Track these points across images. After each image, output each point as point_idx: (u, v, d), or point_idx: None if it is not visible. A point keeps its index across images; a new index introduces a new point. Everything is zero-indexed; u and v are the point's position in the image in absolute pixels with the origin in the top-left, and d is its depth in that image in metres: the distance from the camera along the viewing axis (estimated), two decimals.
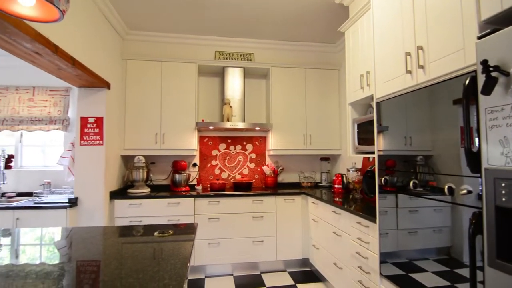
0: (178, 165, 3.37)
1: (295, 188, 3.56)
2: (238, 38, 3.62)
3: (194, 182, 3.59)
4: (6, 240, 1.51)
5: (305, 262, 3.25)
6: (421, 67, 1.46)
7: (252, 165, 3.82)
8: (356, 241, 2.15)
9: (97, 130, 2.80)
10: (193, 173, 3.65)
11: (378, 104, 1.87)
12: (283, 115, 3.54)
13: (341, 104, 3.67)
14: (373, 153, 2.24)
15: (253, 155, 3.83)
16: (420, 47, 1.47)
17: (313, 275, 3.07)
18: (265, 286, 2.83)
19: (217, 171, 3.74)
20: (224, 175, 3.75)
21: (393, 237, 1.71)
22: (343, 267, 2.36)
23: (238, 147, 3.80)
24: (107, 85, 2.84)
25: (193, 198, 3.05)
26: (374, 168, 2.58)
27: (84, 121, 2.80)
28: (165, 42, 3.54)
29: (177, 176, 3.34)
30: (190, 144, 3.35)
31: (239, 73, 3.57)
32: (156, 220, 2.97)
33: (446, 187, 1.29)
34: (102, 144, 2.81)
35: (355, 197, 2.82)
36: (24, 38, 1.67)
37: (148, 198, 3.00)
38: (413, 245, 1.56)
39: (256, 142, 3.84)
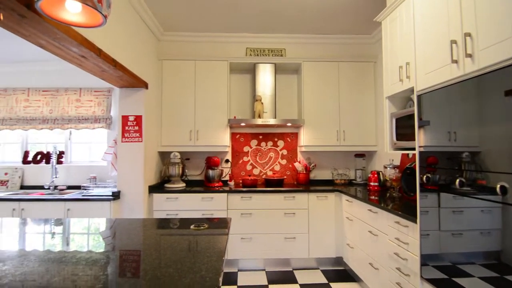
0: (211, 161, 3.46)
1: (328, 185, 3.49)
2: (269, 34, 3.61)
3: (227, 178, 3.67)
4: (59, 229, 1.66)
5: (338, 261, 3.18)
6: (469, 55, 1.34)
7: (284, 162, 3.80)
8: (394, 241, 2.05)
9: (136, 128, 2.97)
10: (226, 169, 3.73)
11: (419, 97, 1.76)
12: (315, 110, 3.47)
13: (377, 98, 3.51)
14: (412, 149, 2.12)
15: (285, 152, 3.81)
16: (467, 34, 1.35)
17: (347, 275, 3.00)
18: (297, 283, 2.82)
19: (248, 167, 3.78)
20: (255, 171, 3.78)
21: (434, 238, 1.60)
22: (380, 268, 2.27)
23: (270, 143, 3.80)
24: (145, 85, 2.99)
25: (226, 194, 3.12)
26: (414, 165, 2.44)
27: (125, 119, 2.98)
28: (198, 42, 3.63)
29: (210, 172, 3.43)
30: (222, 140, 3.42)
31: (270, 69, 3.55)
32: (191, 214, 3.08)
33: (499, 186, 1.18)
34: (141, 141, 2.97)
35: (393, 196, 2.69)
36: (72, 43, 1.81)
37: (184, 192, 3.12)
38: (457, 248, 1.45)
39: (288, 139, 3.82)
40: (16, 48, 3.25)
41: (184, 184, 3.37)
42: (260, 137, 3.81)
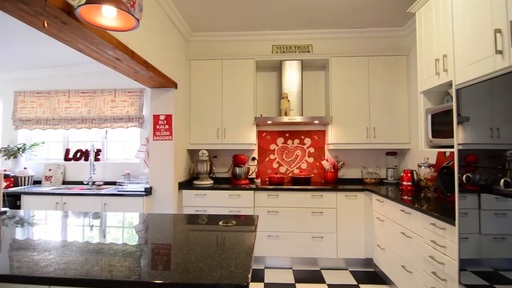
0: (238, 159, 3.50)
1: (357, 184, 3.39)
2: (295, 30, 3.56)
3: (253, 176, 3.69)
4: (96, 222, 1.77)
5: (368, 262, 3.09)
6: None
7: (311, 160, 3.75)
8: (430, 244, 1.95)
9: (167, 127, 3.07)
10: (252, 166, 3.75)
11: (457, 91, 1.65)
12: (344, 107, 3.38)
13: (410, 93, 3.34)
14: (450, 147, 2.00)
15: (312, 149, 3.75)
16: None
17: (378, 277, 2.90)
18: (325, 283, 2.78)
19: (275, 165, 3.77)
20: (282, 169, 3.76)
21: (474, 242, 1.50)
22: (413, 271, 2.17)
23: (296, 141, 3.77)
24: (174, 85, 3.08)
25: (252, 191, 3.14)
26: (452, 164, 2.30)
27: (156, 118, 3.10)
28: (225, 41, 3.67)
29: (237, 169, 3.47)
30: (249, 138, 3.44)
31: (296, 66, 3.51)
32: (219, 210, 3.14)
33: None
34: (171, 139, 3.07)
35: (428, 196, 2.55)
36: (108, 46, 1.91)
37: (212, 189, 3.19)
38: (500, 253, 1.35)
39: (315, 136, 3.75)
40: (58, 53, 3.50)
41: (212, 181, 3.44)
42: (287, 135, 3.78)
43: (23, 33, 2.94)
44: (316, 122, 3.42)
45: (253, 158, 3.78)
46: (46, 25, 1.35)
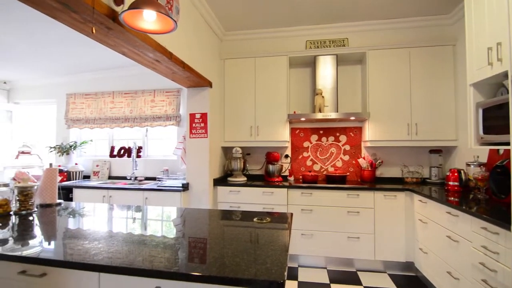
0: (271, 156, 3.50)
1: (396, 184, 3.22)
2: (330, 24, 3.46)
3: (287, 173, 3.67)
4: (138, 215, 1.88)
5: (409, 266, 2.93)
6: None
7: (346, 158, 3.63)
8: (480, 249, 1.79)
9: (202, 125, 3.17)
10: (285, 164, 3.73)
11: None
12: (382, 102, 3.22)
13: (457, 85, 3.08)
14: (504, 144, 1.81)
15: (347, 147, 3.63)
16: None
17: (419, 282, 2.74)
18: (362, 285, 2.69)
19: (308, 163, 3.71)
20: (316, 167, 3.69)
21: None
22: (461, 278, 2.01)
23: (331, 138, 3.67)
24: (209, 84, 3.16)
25: (286, 189, 3.13)
26: (507, 162, 2.09)
27: (192, 117, 3.21)
28: (258, 38, 3.68)
29: (270, 167, 3.47)
30: (282, 136, 3.43)
31: (331, 61, 3.41)
32: (252, 207, 3.17)
33: None
34: (206, 137, 3.16)
35: (478, 197, 2.35)
36: (148, 49, 2.01)
37: (245, 186, 3.23)
38: None
39: (351, 133, 3.63)
40: (103, 57, 3.76)
41: (245, 178, 3.48)
42: (321, 132, 3.70)
43: (74, 40, 3.20)
44: (352, 118, 3.30)
45: (286, 156, 3.75)
46: (94, 31, 1.45)
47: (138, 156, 4.12)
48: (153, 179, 3.94)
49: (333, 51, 3.40)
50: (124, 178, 4.11)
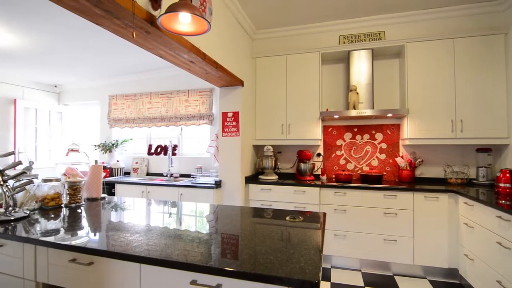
0: (302, 154, 3.45)
1: (439, 185, 3.01)
2: (364, 17, 3.32)
3: (319, 172, 3.60)
4: (174, 210, 1.95)
5: (452, 272, 2.73)
6: None
7: (383, 156, 3.47)
8: None
9: (234, 123, 3.21)
10: (318, 162, 3.66)
11: None
12: (423, 98, 3.03)
13: (510, 78, 2.81)
14: None
15: (384, 145, 3.47)
16: None
17: None
18: None
19: (342, 162, 3.61)
20: (349, 166, 3.58)
21: None
22: None
23: (366, 136, 3.53)
24: (241, 83, 3.20)
25: (318, 188, 3.07)
26: None
27: (224, 115, 3.27)
28: (289, 36, 3.65)
29: (302, 165, 3.43)
30: (314, 134, 3.37)
31: (365, 56, 3.28)
32: (284, 205, 3.16)
33: None
34: (238, 135, 3.20)
35: None
36: (183, 50, 2.07)
37: (277, 184, 3.22)
38: None
39: (387, 131, 3.46)
40: (142, 60, 3.96)
41: (276, 177, 3.48)
42: (355, 129, 3.58)
43: (116, 45, 3.41)
44: (389, 115, 3.14)
45: (319, 154, 3.68)
46: (134, 35, 1.53)
47: (174, 154, 4.30)
48: (188, 176, 4.09)
49: (368, 45, 3.27)
50: (161, 174, 4.31)
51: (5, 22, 2.71)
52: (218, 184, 3.22)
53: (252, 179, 3.41)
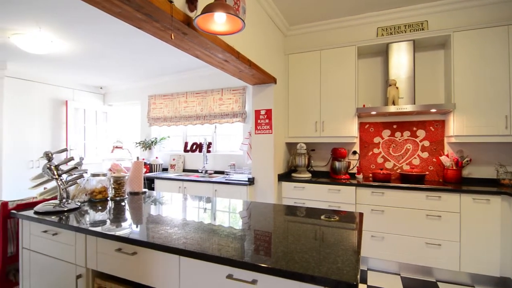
0: (337, 152, 3.36)
1: (490, 186, 2.76)
2: (404, 7, 3.13)
3: (354, 171, 3.48)
4: (208, 205, 2.00)
5: (505, 282, 2.49)
6: None
7: (425, 155, 3.26)
8: None
9: (267, 121, 3.22)
10: (353, 161, 3.54)
11: None
12: (472, 91, 2.78)
13: None
14: None
15: (426, 143, 3.25)
16: None
17: None
18: None
19: (379, 160, 3.45)
20: (388, 165, 3.41)
21: None
22: None
23: (406, 133, 3.34)
24: (274, 81, 3.19)
25: (354, 187, 2.97)
26: None
27: (257, 113, 3.29)
28: (323, 30, 3.55)
29: (336, 164, 3.34)
30: (349, 131, 3.26)
31: (406, 48, 3.09)
32: (318, 204, 3.10)
33: None
34: (271, 133, 3.20)
35: None
36: (218, 50, 2.12)
37: (310, 183, 3.17)
38: None
39: (431, 127, 3.24)
40: (178, 61, 4.11)
41: (310, 175, 3.42)
42: (394, 126, 3.40)
43: (155, 48, 3.57)
44: (433, 111, 2.94)
45: (354, 152, 3.56)
46: (173, 37, 1.60)
47: (208, 151, 4.42)
48: (221, 172, 4.18)
49: (409, 37, 3.08)
50: (196, 171, 4.45)
51: (60, 31, 2.97)
52: (251, 181, 3.25)
53: (284, 176, 3.39)
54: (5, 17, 2.62)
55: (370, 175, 3.41)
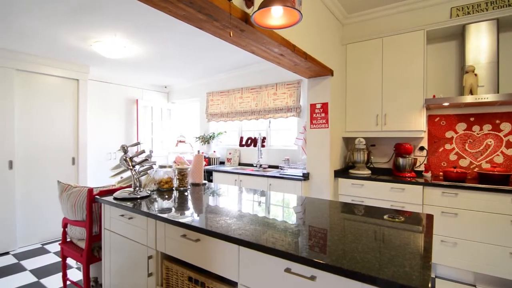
0: (401, 148, 3.10)
1: None
2: None
3: (421, 168, 3.18)
4: (263, 199, 2.03)
5: None
6: None
7: (510, 152, 2.81)
8: None
9: (323, 115, 3.12)
10: (420, 157, 3.23)
11: None
12: None
13: None
14: None
15: (511, 138, 2.80)
16: None
17: None
18: None
19: (452, 157, 3.08)
20: (463, 163, 3.03)
21: None
22: None
23: (487, 126, 2.92)
24: (330, 73, 3.07)
25: (421, 186, 2.71)
26: None
27: (312, 107, 3.21)
28: (385, 16, 3.28)
29: (400, 160, 3.09)
30: (416, 125, 2.97)
31: (487, 28, 2.68)
32: (378, 203, 2.92)
33: None
34: (327, 127, 3.10)
35: None
36: (274, 44, 2.11)
37: (370, 180, 3.00)
38: None
39: None
40: (235, 58, 4.23)
41: (369, 171, 3.23)
42: (471, 119, 2.99)
43: (215, 47, 3.73)
44: None
45: (421, 148, 3.24)
46: (231, 34, 1.64)
47: (263, 146, 4.48)
48: (276, 167, 4.20)
49: (491, 15, 2.66)
50: (251, 165, 4.56)
51: (132, 36, 3.29)
52: (306, 177, 3.20)
53: (341, 173, 3.26)
54: (89, 27, 3.00)
55: (441, 173, 3.07)
